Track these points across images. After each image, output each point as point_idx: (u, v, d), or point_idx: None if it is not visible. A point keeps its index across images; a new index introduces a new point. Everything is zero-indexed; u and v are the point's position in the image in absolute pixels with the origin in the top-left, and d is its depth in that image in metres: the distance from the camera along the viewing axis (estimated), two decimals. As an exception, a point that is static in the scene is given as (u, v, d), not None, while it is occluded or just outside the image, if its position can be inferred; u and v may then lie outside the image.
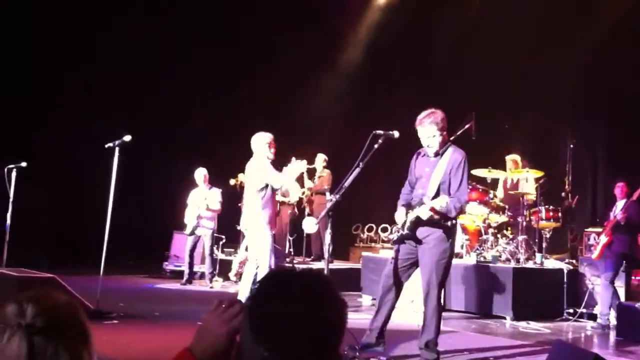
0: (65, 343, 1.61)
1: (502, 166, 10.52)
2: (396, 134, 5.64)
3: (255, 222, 7.69)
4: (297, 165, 7.88)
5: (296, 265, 10.14)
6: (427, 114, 5.66)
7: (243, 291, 8.00)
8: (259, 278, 7.02)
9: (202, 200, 11.01)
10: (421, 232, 5.60)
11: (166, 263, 12.48)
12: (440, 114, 5.65)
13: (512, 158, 10.47)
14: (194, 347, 1.84)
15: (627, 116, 10.71)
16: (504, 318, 8.46)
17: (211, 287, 10.87)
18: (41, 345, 1.58)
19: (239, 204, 12.10)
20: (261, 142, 7.82)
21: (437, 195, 5.54)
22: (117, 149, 7.45)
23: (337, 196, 5.38)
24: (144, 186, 13.19)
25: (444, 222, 5.55)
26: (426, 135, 5.64)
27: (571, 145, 9.53)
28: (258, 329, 1.66)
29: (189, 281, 11.08)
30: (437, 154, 5.72)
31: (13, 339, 1.57)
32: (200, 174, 11.22)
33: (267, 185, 7.66)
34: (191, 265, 11.17)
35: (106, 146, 7.52)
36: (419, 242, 5.61)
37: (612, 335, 7.70)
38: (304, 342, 1.63)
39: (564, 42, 11.68)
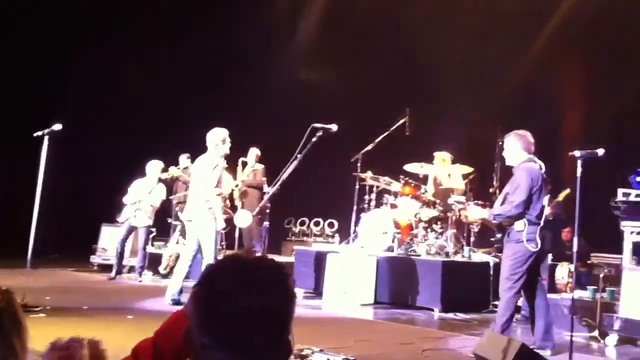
0: None
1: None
2: (334, 127, 5.70)
3: (203, 215, 7.87)
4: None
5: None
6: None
7: (174, 286, 7.97)
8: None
9: (146, 194, 10.81)
10: None
11: (93, 256, 12.19)
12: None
13: (440, 155, 10.66)
14: None
15: (553, 115, 11.11)
16: (433, 310, 8.65)
17: (140, 281, 10.69)
18: None
19: (170, 197, 12.00)
20: (216, 138, 7.98)
21: None
22: (46, 137, 7.24)
23: (275, 188, 5.39)
24: (71, 177, 12.85)
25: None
26: None
27: (500, 142, 9.78)
28: (204, 315, 1.63)
29: (119, 273, 10.84)
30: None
31: None
32: (155, 166, 11.00)
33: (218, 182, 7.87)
34: (121, 256, 10.93)
35: (35, 135, 7.30)
36: None
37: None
38: (250, 330, 1.59)
39: (496, 41, 12.04)
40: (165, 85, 13.84)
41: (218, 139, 7.98)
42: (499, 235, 6.31)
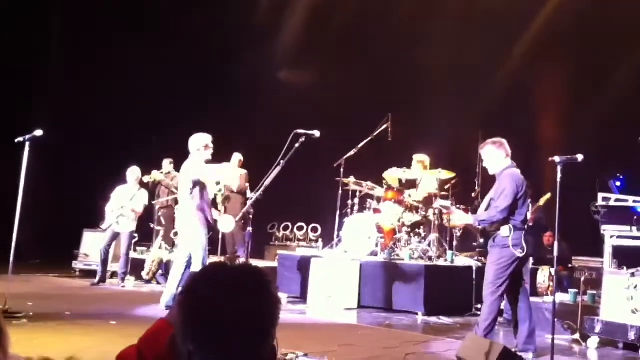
0: None
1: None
2: (317, 133, 5.73)
3: (189, 223, 7.92)
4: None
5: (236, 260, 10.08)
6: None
7: (168, 293, 7.99)
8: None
9: (128, 200, 10.77)
10: None
11: (75, 262, 12.11)
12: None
13: (419, 158, 10.69)
14: None
15: (533, 120, 11.22)
16: (416, 314, 8.69)
17: (123, 287, 10.63)
18: None
19: (153, 202, 11.96)
20: (197, 144, 8.00)
21: None
22: (27, 144, 7.20)
23: (258, 194, 5.41)
24: (54, 183, 12.78)
25: None
26: None
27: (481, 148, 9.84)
28: (189, 322, 1.65)
29: (102, 279, 10.78)
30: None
31: None
32: (134, 172, 10.98)
33: (196, 186, 7.81)
34: (105, 263, 10.87)
35: (16, 141, 7.26)
36: None
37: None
38: (235, 336, 1.62)
39: (478, 47, 12.14)
40: (149, 91, 13.80)
41: (200, 144, 8.00)
42: (481, 241, 6.36)
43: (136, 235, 11.48)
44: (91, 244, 11.72)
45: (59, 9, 13.52)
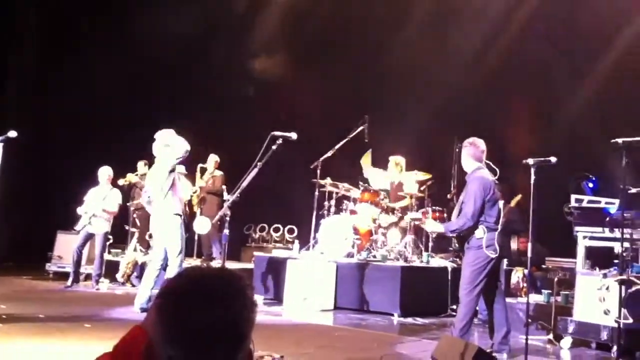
0: None
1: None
2: (294, 135, 5.73)
3: (166, 225, 7.90)
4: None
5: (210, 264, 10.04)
6: None
7: (142, 294, 7.93)
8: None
9: (100, 200, 10.67)
10: None
11: (49, 264, 11.97)
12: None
13: (394, 159, 10.75)
14: None
15: (507, 125, 11.32)
16: (392, 315, 8.73)
17: (97, 289, 10.54)
18: None
19: (127, 204, 11.88)
20: (158, 144, 8.01)
21: None
22: (0, 145, 7.10)
23: (235, 196, 5.39)
24: (26, 184, 12.63)
25: None
26: None
27: (457, 149, 9.94)
28: (170, 329, 1.64)
29: (76, 281, 10.67)
30: None
31: None
32: (105, 172, 10.88)
33: (170, 189, 7.80)
34: (78, 264, 10.75)
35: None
36: None
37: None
38: (214, 341, 1.63)
39: (453, 48, 12.24)
40: (123, 92, 13.70)
41: (161, 143, 7.94)
42: (457, 246, 6.42)
43: (111, 237, 11.39)
44: (65, 245, 11.58)
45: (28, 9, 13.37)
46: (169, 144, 7.95)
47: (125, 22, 13.71)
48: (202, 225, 8.50)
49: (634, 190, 8.29)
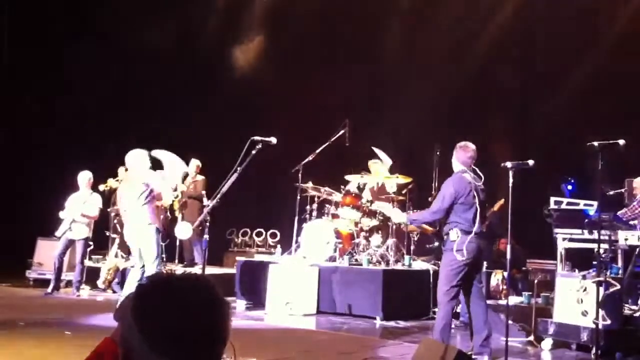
0: None
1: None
2: (274, 140, 5.73)
3: (143, 234, 7.81)
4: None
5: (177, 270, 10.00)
6: None
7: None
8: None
9: (80, 204, 10.58)
10: None
11: (29, 271, 11.85)
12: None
13: (374, 162, 10.77)
14: None
15: (486, 129, 11.41)
16: (374, 318, 8.75)
17: (78, 296, 10.46)
18: None
19: (108, 209, 11.79)
20: (130, 162, 8.10)
21: None
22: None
23: (215, 201, 5.39)
24: (6, 190, 12.52)
25: None
26: None
27: (437, 153, 10.00)
28: (147, 337, 1.63)
29: (56, 288, 10.57)
30: None
31: None
32: (85, 177, 10.78)
33: (148, 196, 7.73)
34: (59, 271, 10.65)
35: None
36: None
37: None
38: (186, 345, 1.62)
39: (430, 54, 12.32)
40: (104, 98, 13.63)
41: (133, 163, 7.98)
42: (436, 244, 6.47)
43: (91, 243, 11.31)
44: (45, 252, 11.47)
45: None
46: (135, 169, 7.96)
47: (105, 26, 13.66)
48: (184, 231, 8.48)
49: (611, 192, 8.44)
